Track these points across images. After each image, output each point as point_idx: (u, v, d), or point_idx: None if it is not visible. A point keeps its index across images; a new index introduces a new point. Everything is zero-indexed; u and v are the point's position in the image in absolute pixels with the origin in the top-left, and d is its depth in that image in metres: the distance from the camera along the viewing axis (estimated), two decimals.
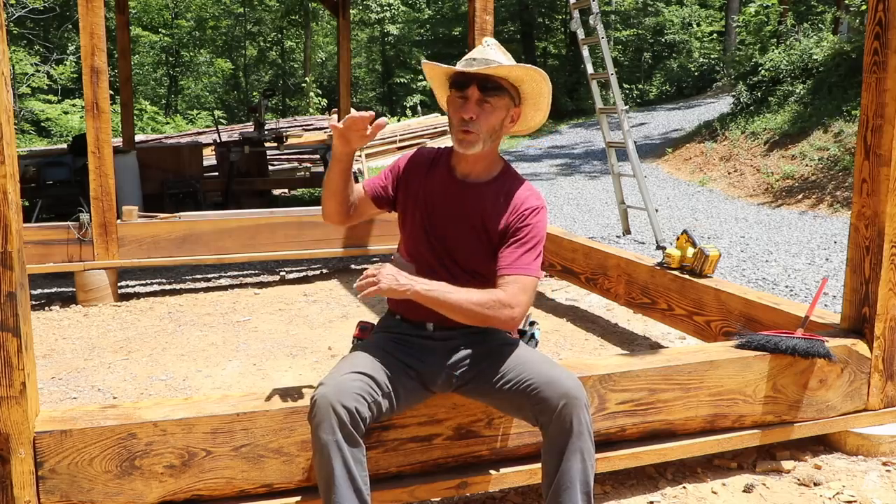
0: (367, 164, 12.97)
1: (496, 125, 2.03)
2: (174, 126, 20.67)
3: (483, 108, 1.99)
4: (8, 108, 1.82)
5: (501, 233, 2.05)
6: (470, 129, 1.99)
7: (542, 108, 2.10)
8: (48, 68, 17.65)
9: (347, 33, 8.50)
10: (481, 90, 1.99)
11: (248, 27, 27.92)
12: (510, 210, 2.05)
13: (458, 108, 2.01)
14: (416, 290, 1.89)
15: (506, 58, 2.04)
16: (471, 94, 1.99)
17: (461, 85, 2.00)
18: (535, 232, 2.04)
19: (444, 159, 2.16)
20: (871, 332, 2.63)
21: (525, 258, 2.01)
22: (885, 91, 2.51)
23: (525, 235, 2.03)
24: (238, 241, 5.11)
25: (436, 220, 2.10)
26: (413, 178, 2.16)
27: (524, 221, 2.04)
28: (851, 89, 10.33)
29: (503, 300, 1.94)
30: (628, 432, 2.39)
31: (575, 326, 4.35)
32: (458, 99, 2.01)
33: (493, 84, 1.99)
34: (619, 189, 7.18)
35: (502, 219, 2.05)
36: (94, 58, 4.52)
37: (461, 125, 2.00)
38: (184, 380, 3.56)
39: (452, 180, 2.11)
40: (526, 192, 2.09)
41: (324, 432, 1.81)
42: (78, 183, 7.17)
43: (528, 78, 2.03)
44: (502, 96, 2.01)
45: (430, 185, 2.12)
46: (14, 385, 1.85)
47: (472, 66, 1.99)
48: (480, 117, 1.99)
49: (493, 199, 2.07)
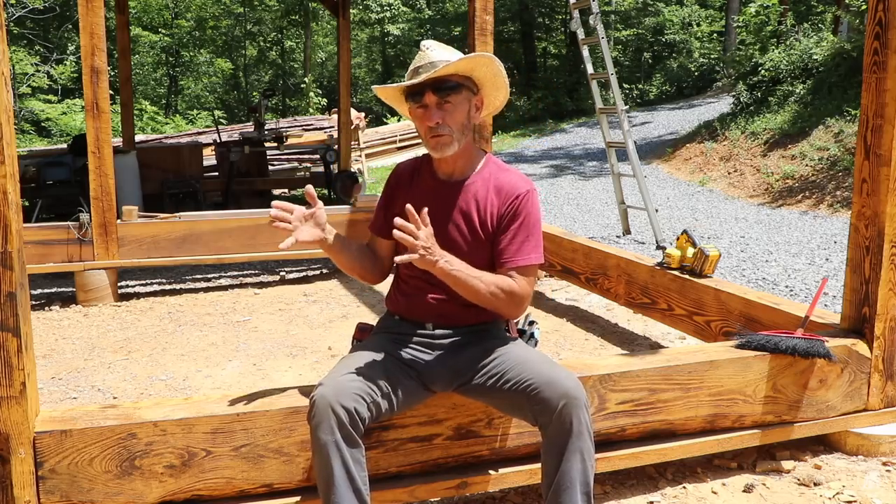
0: (367, 163, 12.98)
1: (463, 120, 2.04)
2: (174, 126, 20.65)
3: (445, 108, 2.01)
4: (8, 108, 1.83)
5: (496, 224, 2.06)
6: (440, 133, 2.01)
7: (501, 86, 2.11)
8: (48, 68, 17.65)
9: (347, 33, 8.50)
10: (436, 93, 2.00)
11: (248, 27, 27.91)
12: (501, 200, 2.07)
13: (422, 118, 2.03)
14: (440, 266, 1.90)
15: (449, 53, 2.04)
16: (428, 101, 2.00)
17: (416, 95, 2.02)
18: (531, 217, 2.06)
19: (424, 166, 2.18)
20: (871, 332, 2.63)
21: (527, 246, 2.04)
22: (885, 91, 2.51)
23: (521, 223, 2.05)
24: (238, 241, 5.11)
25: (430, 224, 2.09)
26: (398, 192, 2.18)
27: (518, 209, 2.05)
28: (851, 89, 10.33)
29: (517, 292, 2.00)
30: (628, 432, 2.39)
31: (575, 326, 4.35)
32: (419, 110, 2.03)
33: (446, 84, 2.00)
34: (619, 189, 7.18)
35: (494, 210, 2.07)
36: (94, 58, 4.52)
37: (429, 133, 2.02)
38: (184, 380, 3.56)
39: (437, 183, 2.13)
40: (513, 178, 2.10)
41: (323, 433, 1.81)
42: (78, 183, 7.17)
43: (476, 65, 2.03)
44: (459, 91, 2.02)
45: (417, 193, 2.14)
46: (14, 385, 1.85)
47: (419, 74, 2.00)
48: (445, 119, 2.01)
49: (482, 192, 2.09)
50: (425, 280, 2.10)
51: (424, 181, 2.16)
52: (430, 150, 2.06)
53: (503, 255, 2.04)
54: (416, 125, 2.08)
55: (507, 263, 2.03)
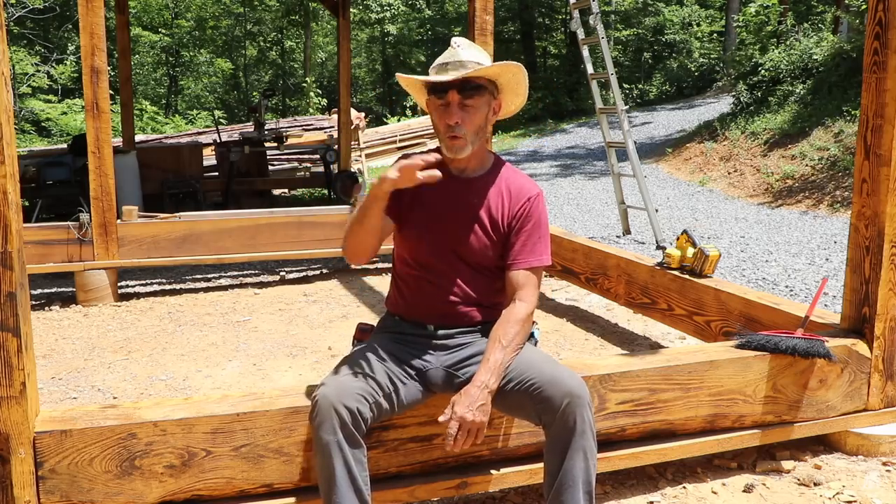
0: (367, 163, 12.97)
1: (481, 124, 2.05)
2: (174, 126, 20.64)
3: (466, 110, 2.01)
4: (8, 108, 1.82)
5: (507, 225, 2.09)
6: (457, 135, 2.01)
7: (520, 93, 2.12)
8: (48, 68, 17.64)
9: (347, 33, 8.49)
10: (461, 93, 1.99)
11: (248, 27, 27.90)
12: (512, 202, 2.09)
13: (442, 114, 2.02)
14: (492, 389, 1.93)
15: (477, 52, 2.05)
16: (451, 98, 2.00)
17: (440, 90, 2.01)
18: (542, 220, 2.10)
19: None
20: (871, 332, 2.63)
21: (538, 247, 2.08)
22: (885, 91, 2.51)
23: (533, 225, 2.08)
24: (238, 241, 5.11)
25: (439, 218, 2.10)
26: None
27: (529, 211, 2.08)
28: (851, 89, 10.33)
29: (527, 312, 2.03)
30: (628, 432, 2.39)
31: (575, 326, 4.35)
32: (441, 105, 2.02)
33: (472, 84, 2.00)
34: (619, 189, 7.18)
35: (506, 211, 2.09)
36: (94, 58, 4.52)
37: (448, 131, 2.02)
38: (184, 380, 3.56)
39: (450, 177, 2.11)
40: (523, 181, 2.14)
41: (325, 432, 1.81)
42: (78, 183, 7.17)
43: (503, 71, 2.04)
44: (482, 94, 2.03)
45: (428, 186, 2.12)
46: (14, 385, 1.85)
47: (446, 71, 2.00)
48: (465, 120, 2.00)
49: (493, 192, 2.10)
50: (426, 281, 2.11)
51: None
52: (446, 149, 2.06)
53: (516, 256, 2.07)
54: (434, 119, 2.06)
55: (519, 264, 2.06)
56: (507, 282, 2.09)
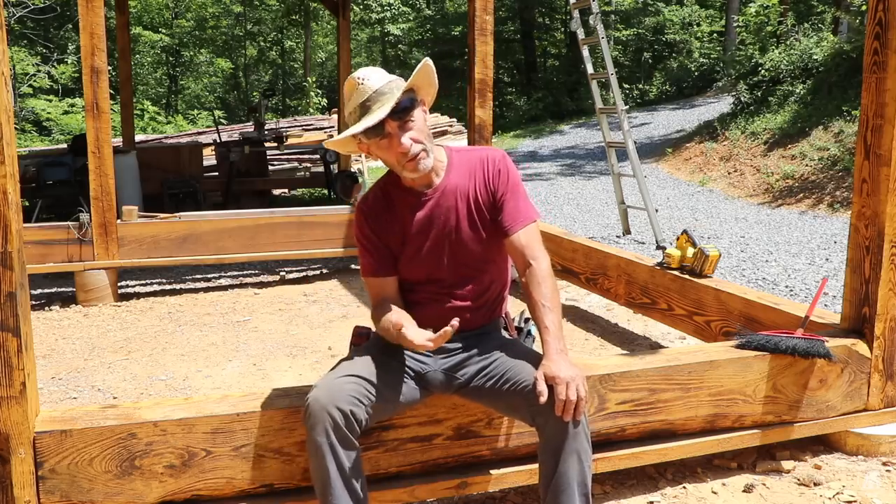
0: (367, 163, 12.96)
1: (425, 129, 2.00)
2: (174, 126, 20.64)
3: (408, 128, 1.95)
4: (8, 108, 1.82)
5: (490, 201, 2.07)
6: (414, 155, 1.95)
7: (433, 83, 2.05)
8: (49, 68, 17.64)
9: (347, 33, 8.49)
10: (396, 119, 1.92)
11: (248, 27, 27.90)
12: (486, 174, 2.07)
13: (388, 148, 1.96)
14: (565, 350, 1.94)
15: (381, 73, 1.98)
16: (390, 129, 1.93)
17: (377, 130, 1.93)
18: (514, 178, 2.09)
19: (393, 189, 2.10)
20: (871, 332, 2.63)
21: (522, 206, 2.07)
22: (885, 91, 2.51)
23: (509, 188, 2.07)
24: (238, 241, 5.11)
25: (429, 239, 2.06)
26: (381, 226, 2.08)
27: (499, 177, 2.07)
28: (851, 89, 10.33)
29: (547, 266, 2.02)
30: (628, 432, 2.39)
31: (575, 326, 4.35)
32: (382, 141, 1.95)
33: (402, 105, 1.93)
34: (619, 189, 7.17)
35: (481, 185, 2.07)
36: (94, 58, 4.52)
37: (403, 159, 1.95)
38: (184, 380, 3.56)
39: (418, 196, 2.06)
40: (483, 152, 2.12)
41: (318, 435, 1.82)
42: (78, 183, 7.16)
43: (416, 78, 1.99)
44: (413, 107, 1.97)
45: (405, 215, 2.07)
46: (14, 385, 1.85)
47: (369, 109, 1.93)
48: (414, 137, 1.95)
49: (462, 181, 2.07)
50: (428, 297, 2.10)
51: (404, 200, 2.07)
52: (410, 173, 1.99)
53: (509, 220, 2.05)
54: (383, 158, 1.99)
55: (515, 226, 2.04)
56: (510, 247, 2.06)
